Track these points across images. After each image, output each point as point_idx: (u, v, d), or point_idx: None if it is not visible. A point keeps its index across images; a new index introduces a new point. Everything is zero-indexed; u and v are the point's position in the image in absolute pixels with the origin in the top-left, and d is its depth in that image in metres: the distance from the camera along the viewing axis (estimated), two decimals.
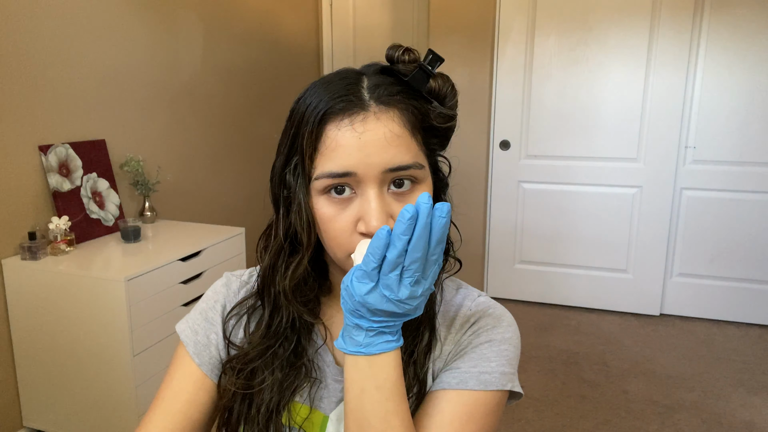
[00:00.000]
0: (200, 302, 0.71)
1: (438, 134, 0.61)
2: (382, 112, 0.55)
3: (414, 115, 0.57)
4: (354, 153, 0.54)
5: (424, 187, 0.58)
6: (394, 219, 0.55)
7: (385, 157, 0.54)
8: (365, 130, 0.54)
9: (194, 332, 0.68)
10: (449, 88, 0.61)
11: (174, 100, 2.46)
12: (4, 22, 1.72)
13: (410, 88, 0.59)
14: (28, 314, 1.74)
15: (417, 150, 0.57)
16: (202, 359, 0.66)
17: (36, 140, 1.83)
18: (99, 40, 2.06)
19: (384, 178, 0.55)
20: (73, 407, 1.75)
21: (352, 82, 0.57)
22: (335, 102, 0.56)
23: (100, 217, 2.01)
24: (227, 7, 2.79)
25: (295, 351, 0.64)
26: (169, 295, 1.78)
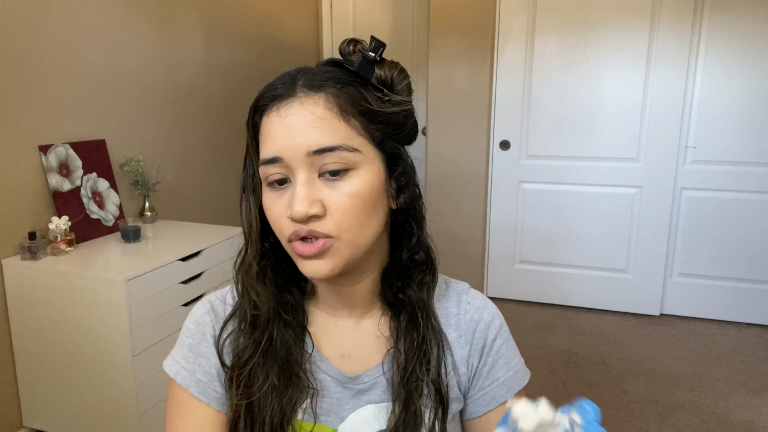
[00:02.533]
0: (185, 336, 0.66)
1: (381, 120, 0.58)
2: (307, 97, 0.55)
3: (345, 99, 0.56)
4: (279, 138, 0.55)
5: (363, 173, 0.56)
6: (325, 206, 0.55)
7: (308, 139, 0.54)
8: (288, 114, 0.55)
9: (192, 372, 0.63)
10: (396, 74, 0.60)
11: (174, 100, 2.46)
12: (4, 22, 1.72)
13: (360, 78, 0.58)
14: (28, 314, 1.74)
15: (348, 133, 0.55)
16: (210, 397, 0.63)
17: (36, 140, 1.83)
18: (99, 40, 2.06)
19: (311, 162, 0.55)
20: (73, 407, 1.75)
21: (291, 74, 0.58)
22: (266, 92, 0.58)
23: (100, 217, 2.01)
24: (227, 7, 2.79)
25: (288, 360, 0.62)
26: (169, 295, 1.78)
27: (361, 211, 0.56)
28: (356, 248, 0.58)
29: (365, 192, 0.56)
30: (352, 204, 0.55)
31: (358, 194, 0.56)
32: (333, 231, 0.56)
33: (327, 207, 0.55)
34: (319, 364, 0.64)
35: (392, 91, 0.60)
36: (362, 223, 0.57)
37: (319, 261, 0.56)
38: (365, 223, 0.57)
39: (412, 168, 0.62)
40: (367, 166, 0.57)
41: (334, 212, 0.55)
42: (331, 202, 0.55)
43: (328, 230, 0.55)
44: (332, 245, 0.56)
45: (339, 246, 0.56)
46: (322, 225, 0.55)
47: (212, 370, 0.64)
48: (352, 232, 0.56)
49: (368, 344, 0.66)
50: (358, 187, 0.56)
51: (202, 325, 0.66)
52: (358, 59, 0.59)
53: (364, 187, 0.56)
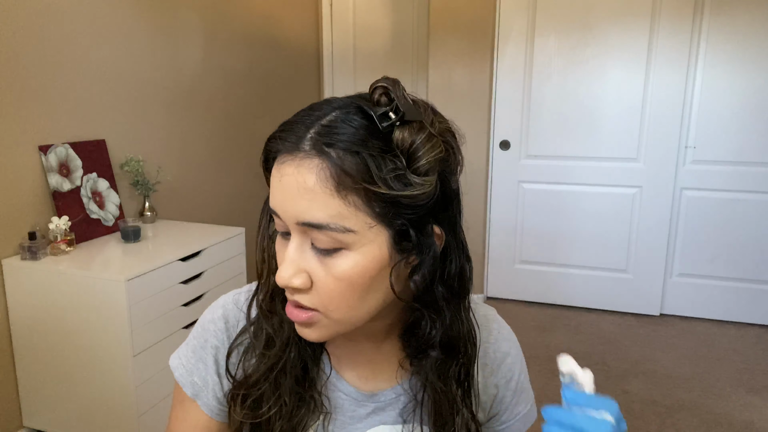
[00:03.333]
0: (192, 336, 0.64)
1: (388, 200, 0.48)
2: (307, 159, 0.48)
3: (346, 170, 0.47)
4: (276, 196, 0.51)
5: (355, 256, 0.49)
6: (312, 279, 0.51)
7: (297, 209, 0.49)
8: (283, 174, 0.49)
9: (189, 372, 0.62)
10: (418, 144, 0.49)
11: (174, 100, 2.46)
12: (5, 22, 1.72)
13: (377, 138, 0.48)
14: (28, 314, 1.74)
15: (341, 211, 0.48)
16: (202, 401, 0.62)
17: (36, 140, 1.83)
18: (99, 40, 2.06)
19: (304, 231, 0.50)
20: (73, 407, 1.75)
21: (307, 120, 0.50)
22: (276, 137, 0.51)
23: (100, 217, 2.01)
24: (227, 8, 2.79)
25: (303, 381, 0.60)
26: (169, 295, 1.78)
27: (349, 294, 0.51)
28: (347, 325, 0.54)
29: (355, 276, 0.50)
30: (338, 287, 0.50)
31: (345, 278, 0.50)
32: (318, 306, 0.52)
33: (314, 281, 0.51)
34: (336, 383, 0.63)
35: (410, 164, 0.49)
36: (352, 306, 0.52)
37: (307, 329, 0.54)
38: (356, 306, 0.52)
39: (430, 246, 0.52)
40: (363, 248, 0.49)
41: (320, 290, 0.51)
42: (318, 279, 0.51)
43: (314, 304, 0.52)
44: (319, 319, 0.53)
45: (327, 322, 0.53)
46: (309, 299, 0.52)
47: (207, 378, 0.62)
48: (338, 312, 0.52)
49: (387, 367, 0.64)
50: (348, 270, 0.50)
51: (208, 332, 0.63)
52: (377, 113, 0.49)
53: (354, 272, 0.50)
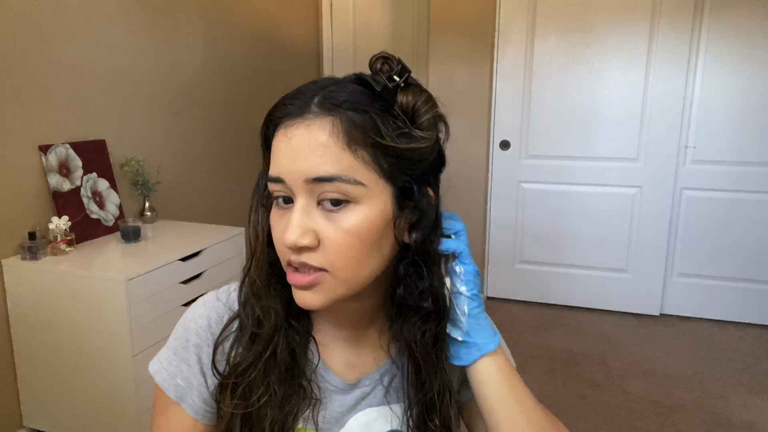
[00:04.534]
0: (173, 338, 0.64)
1: (394, 154, 0.53)
2: (316, 119, 0.52)
3: (356, 127, 0.52)
4: (282, 159, 0.53)
5: (364, 208, 0.52)
6: (320, 238, 0.52)
7: (308, 166, 0.51)
8: (294, 135, 0.52)
9: (172, 375, 0.62)
10: (420, 102, 0.55)
11: (174, 100, 2.46)
12: (5, 22, 1.72)
13: (382, 101, 0.54)
14: (28, 314, 1.74)
15: (352, 164, 0.51)
16: (187, 404, 0.62)
17: (36, 140, 1.83)
18: (99, 40, 2.06)
19: (311, 190, 0.52)
20: (73, 407, 1.75)
21: (311, 88, 0.55)
22: (281, 106, 0.55)
23: (100, 217, 2.01)
24: (227, 8, 2.79)
25: (291, 369, 0.60)
26: (169, 295, 1.78)
27: (358, 249, 0.53)
28: (351, 286, 0.55)
29: (364, 229, 0.52)
30: (348, 241, 0.52)
31: (355, 231, 0.52)
32: (326, 265, 0.53)
33: (321, 240, 0.52)
34: (323, 373, 0.64)
35: (413, 122, 0.55)
36: (359, 261, 0.53)
37: (310, 293, 0.54)
38: (362, 262, 0.54)
39: (430, 204, 0.57)
40: (370, 201, 0.52)
41: (328, 247, 0.52)
42: (326, 236, 0.52)
43: (321, 263, 0.53)
44: (325, 280, 0.54)
45: (332, 282, 0.54)
46: (315, 258, 0.53)
47: (191, 378, 0.61)
48: (346, 270, 0.53)
49: (371, 352, 0.66)
50: (357, 223, 0.52)
51: (189, 331, 0.63)
52: (383, 81, 0.54)
53: (363, 224, 0.52)
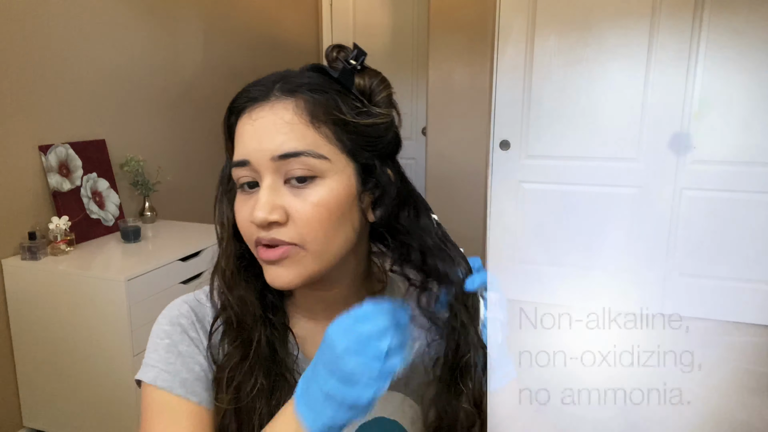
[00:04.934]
0: (158, 339, 0.62)
1: (355, 131, 0.56)
2: (279, 101, 0.55)
3: (317, 106, 0.55)
4: (248, 141, 0.55)
5: (329, 182, 0.54)
6: (288, 213, 0.54)
7: (273, 144, 0.54)
8: (258, 117, 0.55)
9: (174, 373, 0.60)
10: (376, 83, 0.59)
11: (174, 100, 2.46)
12: (4, 22, 1.72)
13: (339, 85, 0.57)
14: (28, 314, 1.74)
15: (316, 140, 0.54)
16: (198, 396, 0.60)
17: (36, 140, 1.83)
18: (99, 40, 2.06)
19: (277, 168, 0.54)
20: (73, 407, 1.75)
21: (270, 78, 0.57)
22: (242, 94, 0.57)
23: (100, 217, 2.01)
24: (227, 7, 2.79)
25: (274, 362, 0.61)
26: (169, 295, 1.77)
27: (326, 221, 0.54)
28: (322, 260, 0.56)
29: (331, 202, 0.54)
30: (316, 213, 0.54)
31: (322, 203, 0.54)
32: (296, 239, 0.54)
33: (290, 215, 0.54)
34: (303, 366, 0.64)
35: (371, 101, 0.58)
36: (327, 234, 0.55)
37: (281, 268, 0.55)
38: (331, 235, 0.55)
39: (391, 181, 0.59)
40: (335, 176, 0.55)
41: (297, 221, 0.54)
42: (294, 210, 0.54)
43: (291, 238, 0.54)
44: (296, 253, 0.55)
45: (304, 256, 0.55)
46: (285, 233, 0.54)
47: (195, 368, 0.61)
48: (317, 243, 0.55)
49: None
50: (323, 196, 0.54)
51: (178, 325, 0.63)
52: (340, 67, 0.58)
53: (330, 197, 0.54)
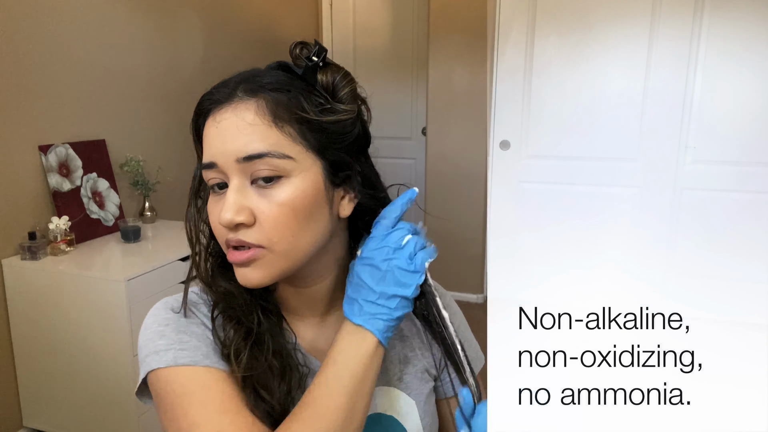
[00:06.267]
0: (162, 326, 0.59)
1: (319, 128, 0.56)
2: (241, 102, 0.55)
3: (280, 105, 0.55)
4: (213, 143, 0.55)
5: (295, 181, 0.55)
6: (255, 214, 0.54)
7: (237, 145, 0.54)
8: (222, 119, 0.55)
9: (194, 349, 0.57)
10: (338, 78, 0.59)
11: (174, 100, 2.46)
12: (4, 22, 1.72)
13: (303, 82, 0.58)
14: (28, 314, 1.74)
15: (280, 140, 0.54)
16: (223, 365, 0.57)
17: (36, 140, 1.83)
18: (99, 40, 2.06)
19: (243, 169, 0.54)
20: (73, 407, 1.75)
21: (235, 78, 0.57)
22: (206, 96, 0.57)
23: (100, 217, 2.01)
24: (227, 7, 2.79)
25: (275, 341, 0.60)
26: (169, 295, 1.77)
27: (292, 220, 0.54)
28: (291, 259, 0.56)
29: (297, 201, 0.54)
30: (281, 213, 0.54)
31: (288, 203, 0.54)
32: (263, 241, 0.54)
33: (257, 216, 0.54)
34: (304, 354, 0.64)
35: (334, 97, 0.58)
36: (295, 233, 0.55)
37: (250, 269, 0.55)
38: (299, 234, 0.55)
39: (363, 174, 0.60)
40: (300, 174, 0.55)
41: (264, 222, 0.54)
42: (261, 212, 0.54)
43: (258, 240, 0.54)
44: (264, 255, 0.55)
45: (272, 257, 0.55)
46: (251, 234, 0.54)
47: (211, 345, 0.58)
48: (283, 243, 0.55)
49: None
50: (289, 195, 0.54)
51: (179, 312, 0.61)
52: (303, 64, 0.58)
53: (295, 197, 0.54)
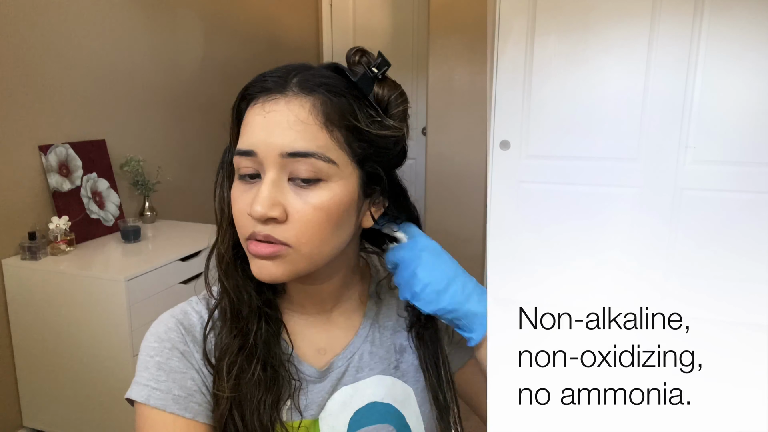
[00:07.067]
0: (147, 357, 0.61)
1: (366, 139, 0.56)
2: (295, 97, 0.54)
3: (334, 109, 0.54)
4: (257, 132, 0.54)
5: (334, 186, 0.54)
6: (288, 212, 0.53)
7: (284, 140, 0.52)
8: (272, 110, 0.54)
9: (167, 391, 0.58)
10: (394, 96, 0.59)
11: (174, 100, 2.46)
12: (5, 22, 1.72)
13: (357, 91, 0.57)
14: (28, 314, 1.74)
15: (328, 143, 0.53)
16: (192, 411, 0.59)
17: (36, 140, 1.83)
18: (99, 40, 2.06)
19: (284, 164, 0.53)
20: (73, 407, 1.75)
21: (288, 69, 0.56)
22: (258, 82, 0.56)
23: (100, 217, 2.01)
24: (227, 7, 2.79)
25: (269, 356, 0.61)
26: (169, 295, 1.78)
27: (324, 225, 0.54)
28: (312, 262, 0.56)
29: (332, 207, 0.54)
30: (315, 216, 0.54)
31: (323, 208, 0.54)
32: (291, 240, 0.54)
33: (289, 214, 0.53)
34: (297, 365, 0.64)
35: (386, 113, 0.58)
36: (323, 238, 0.55)
37: (272, 264, 0.55)
38: (326, 239, 0.55)
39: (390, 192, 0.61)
40: (340, 181, 0.54)
41: (296, 221, 0.53)
42: (295, 210, 0.53)
43: (286, 238, 0.54)
44: (288, 254, 0.54)
45: (295, 257, 0.55)
46: (281, 232, 0.53)
47: (188, 383, 0.60)
48: (310, 246, 0.55)
49: (340, 336, 0.67)
50: (325, 200, 0.54)
51: (167, 341, 0.62)
52: (361, 72, 0.57)
53: (331, 202, 0.54)
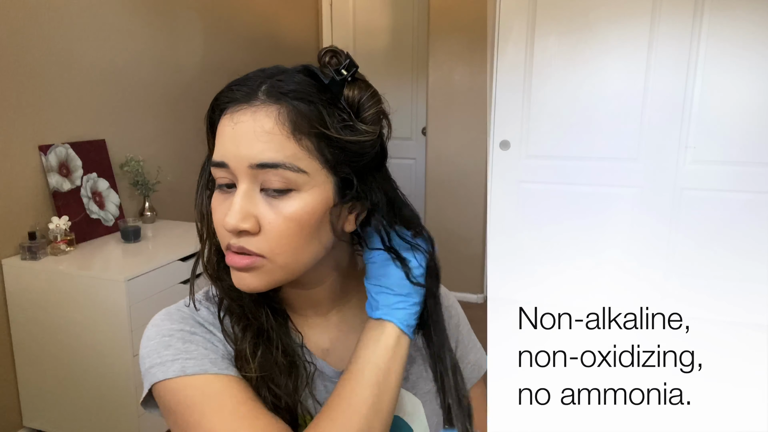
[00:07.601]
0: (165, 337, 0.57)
1: (337, 145, 0.54)
2: (263, 106, 0.53)
3: (301, 117, 0.53)
4: (227, 144, 0.54)
5: (305, 196, 0.53)
6: (261, 224, 0.53)
7: (252, 151, 0.52)
8: (239, 121, 0.53)
9: (201, 357, 0.56)
10: (365, 98, 0.56)
11: (174, 100, 2.46)
12: (4, 22, 1.72)
13: (329, 93, 0.55)
14: (28, 314, 1.74)
15: (296, 152, 0.52)
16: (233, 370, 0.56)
17: (36, 140, 1.83)
18: (99, 40, 2.06)
19: (255, 175, 0.53)
20: (73, 407, 1.75)
21: (258, 75, 0.55)
22: (227, 91, 0.56)
23: (100, 217, 2.01)
24: (227, 7, 2.79)
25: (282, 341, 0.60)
26: (169, 295, 1.78)
27: (297, 235, 0.54)
28: (290, 271, 0.56)
29: (304, 217, 0.53)
30: (287, 227, 0.53)
31: (295, 218, 0.53)
32: (265, 251, 0.53)
33: (262, 225, 0.53)
34: (314, 360, 0.63)
35: (358, 116, 0.56)
36: (297, 247, 0.54)
37: (249, 275, 0.55)
38: (301, 248, 0.55)
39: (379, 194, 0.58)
40: (312, 190, 0.54)
41: (269, 233, 0.53)
42: (267, 222, 0.53)
43: (260, 249, 0.53)
44: (263, 265, 0.54)
45: (271, 267, 0.54)
46: (255, 243, 0.53)
47: (219, 346, 0.58)
48: (285, 256, 0.54)
49: (341, 338, 0.66)
50: (298, 210, 0.53)
51: (181, 321, 0.59)
52: (330, 73, 0.55)
53: (304, 212, 0.53)
